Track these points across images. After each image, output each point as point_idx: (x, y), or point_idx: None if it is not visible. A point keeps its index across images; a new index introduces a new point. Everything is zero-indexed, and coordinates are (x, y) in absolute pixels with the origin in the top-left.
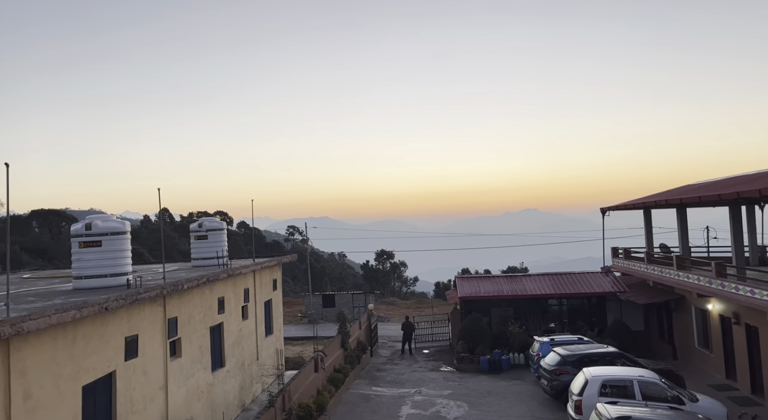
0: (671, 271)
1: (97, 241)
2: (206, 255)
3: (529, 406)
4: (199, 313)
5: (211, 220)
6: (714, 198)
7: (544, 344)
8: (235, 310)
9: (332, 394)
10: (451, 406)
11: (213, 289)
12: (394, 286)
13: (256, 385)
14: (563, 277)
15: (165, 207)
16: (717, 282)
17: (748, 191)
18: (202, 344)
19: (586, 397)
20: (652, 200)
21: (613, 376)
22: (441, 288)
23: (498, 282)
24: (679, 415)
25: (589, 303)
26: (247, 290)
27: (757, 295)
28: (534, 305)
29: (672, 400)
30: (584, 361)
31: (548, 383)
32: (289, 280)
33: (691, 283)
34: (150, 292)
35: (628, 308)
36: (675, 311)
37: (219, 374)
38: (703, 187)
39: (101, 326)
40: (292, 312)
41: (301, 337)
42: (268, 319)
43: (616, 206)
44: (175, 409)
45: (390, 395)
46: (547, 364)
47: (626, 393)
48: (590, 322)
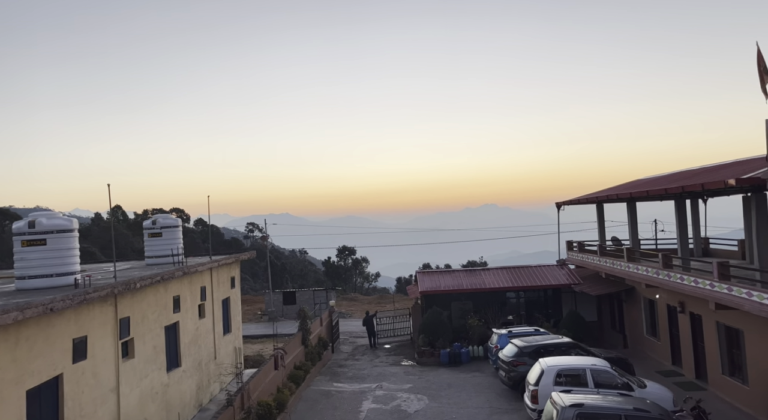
0: (622, 263)
1: (42, 239)
2: (161, 253)
3: (487, 397)
4: (153, 312)
5: (166, 217)
6: (661, 192)
7: (503, 336)
8: (191, 308)
9: (293, 391)
10: (412, 399)
11: (168, 287)
12: (356, 282)
13: (214, 384)
14: (520, 271)
15: (117, 204)
16: (664, 273)
17: (691, 186)
18: (157, 344)
19: (542, 386)
20: (604, 195)
21: (568, 365)
22: (403, 283)
23: (458, 276)
24: (629, 401)
25: (545, 295)
26: (204, 288)
27: (701, 285)
28: (493, 298)
29: (622, 387)
30: (540, 351)
31: (506, 374)
32: (249, 278)
33: (640, 274)
34: (100, 292)
35: (582, 299)
36: (626, 302)
37: (175, 374)
38: (651, 182)
39: (47, 328)
40: (252, 310)
41: (261, 335)
42: (226, 318)
43: (570, 201)
44: (128, 411)
45: (351, 391)
46: (505, 356)
47: (580, 381)
48: (546, 313)
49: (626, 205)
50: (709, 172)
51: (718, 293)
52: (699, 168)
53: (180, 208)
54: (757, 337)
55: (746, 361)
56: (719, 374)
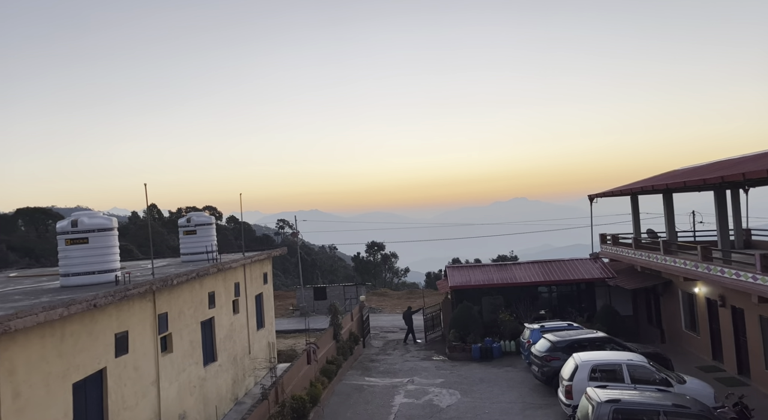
0: (658, 256)
1: (84, 238)
2: (195, 250)
3: (520, 392)
4: (189, 308)
5: (200, 214)
6: (699, 183)
7: (535, 331)
8: (225, 304)
9: (325, 385)
10: (444, 394)
11: (203, 283)
12: (386, 277)
13: (249, 378)
14: (553, 265)
15: (153, 203)
16: (703, 266)
17: (732, 175)
18: (194, 339)
19: (576, 382)
20: (639, 186)
21: (603, 360)
22: (432, 278)
23: (488, 271)
24: (667, 397)
25: (578, 289)
26: (237, 284)
27: (743, 278)
28: (524, 293)
29: (660, 383)
30: (574, 346)
31: (539, 369)
32: (280, 274)
33: (677, 267)
34: (139, 288)
35: (616, 294)
36: (662, 295)
37: (211, 368)
38: (689, 172)
39: (90, 323)
40: (284, 305)
41: (293, 330)
42: (259, 313)
43: (603, 193)
44: (168, 404)
45: (383, 385)
46: (538, 351)
47: (615, 377)
48: (580, 308)
49: (662, 197)
50: (751, 161)
51: (761, 286)
52: (740, 157)
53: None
54: None
55: None
56: (763, 369)
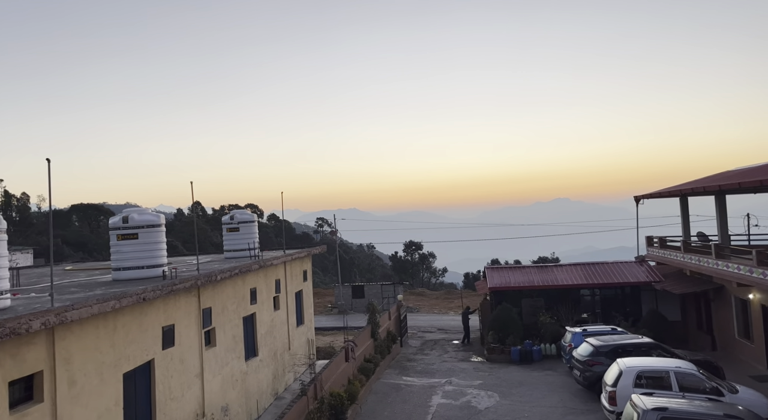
0: (710, 259)
1: (134, 233)
2: (238, 247)
3: (561, 397)
4: (232, 303)
5: (243, 212)
6: (755, 184)
7: (577, 335)
8: (266, 300)
9: (363, 383)
10: (482, 396)
11: (245, 280)
12: (423, 277)
13: (288, 374)
14: (596, 267)
15: (197, 200)
16: (758, 271)
17: None
18: (236, 334)
19: (620, 388)
20: (689, 187)
21: (649, 366)
22: (470, 279)
23: (528, 272)
24: (718, 407)
25: (622, 293)
26: (278, 281)
27: None
28: (565, 295)
29: (710, 392)
30: (618, 351)
31: (581, 374)
32: (319, 272)
33: (730, 272)
34: (185, 283)
35: (663, 298)
36: (714, 301)
37: (252, 363)
38: (744, 173)
39: (140, 316)
40: (322, 303)
41: (331, 328)
42: (299, 310)
43: (650, 194)
44: (211, 396)
45: (420, 385)
46: (580, 355)
47: (662, 384)
48: (624, 312)
49: (714, 198)
50: None
51: None
52: None
53: (254, 204)
54: None
55: None
56: None
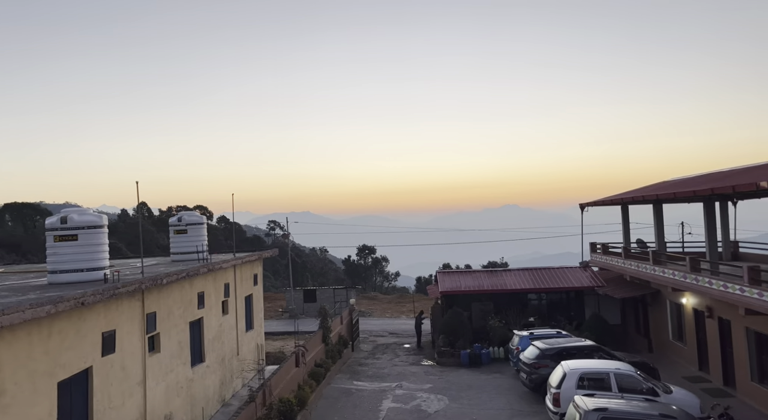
0: (647, 265)
1: (73, 234)
2: (186, 249)
3: (508, 399)
4: (178, 308)
5: (191, 214)
6: (689, 194)
7: (524, 338)
8: (215, 305)
9: (313, 388)
10: (432, 399)
11: (193, 283)
12: (376, 281)
13: (237, 380)
14: (542, 272)
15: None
16: (691, 276)
17: (721, 187)
18: (182, 339)
19: (564, 389)
20: (629, 196)
21: (591, 369)
22: (422, 283)
23: (479, 277)
24: (654, 406)
25: (567, 297)
26: (227, 285)
27: (730, 290)
28: (514, 299)
29: (647, 392)
30: (563, 354)
31: (527, 376)
32: (270, 276)
33: (666, 277)
34: (128, 287)
35: (605, 302)
36: (651, 305)
37: (199, 369)
38: (679, 184)
39: (78, 321)
40: (273, 307)
41: (282, 332)
42: (248, 314)
43: (594, 202)
44: (154, 404)
45: (371, 389)
46: (527, 358)
47: (603, 385)
48: (569, 316)
49: (652, 207)
50: (740, 174)
51: (748, 298)
52: (729, 169)
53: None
54: None
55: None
56: (748, 381)
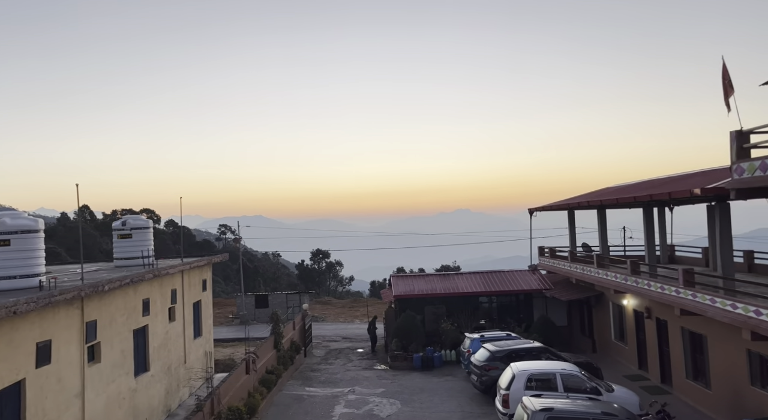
0: (592, 269)
1: (5, 239)
2: (130, 254)
3: (459, 402)
4: (121, 315)
5: (136, 218)
6: (629, 200)
7: (475, 341)
8: (161, 311)
9: (264, 395)
10: (384, 404)
11: (137, 290)
12: (330, 285)
13: (184, 389)
14: (493, 276)
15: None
16: (632, 279)
17: (659, 194)
18: (125, 348)
19: (513, 391)
20: (575, 202)
21: (538, 370)
22: (376, 287)
23: (432, 280)
24: (597, 405)
25: (517, 300)
26: (174, 291)
27: (667, 291)
28: (466, 303)
29: (590, 391)
30: (512, 356)
31: (478, 379)
32: (221, 281)
33: (609, 280)
34: (66, 294)
35: (553, 305)
36: (595, 307)
37: (143, 379)
38: (621, 190)
39: (10, 331)
40: (224, 313)
41: (232, 339)
42: (197, 321)
43: (542, 207)
44: (93, 417)
45: (323, 395)
46: (477, 360)
47: (550, 386)
48: (518, 318)
49: (596, 212)
50: (676, 182)
51: (683, 299)
52: (667, 177)
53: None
54: (720, 343)
55: (709, 365)
56: (683, 379)
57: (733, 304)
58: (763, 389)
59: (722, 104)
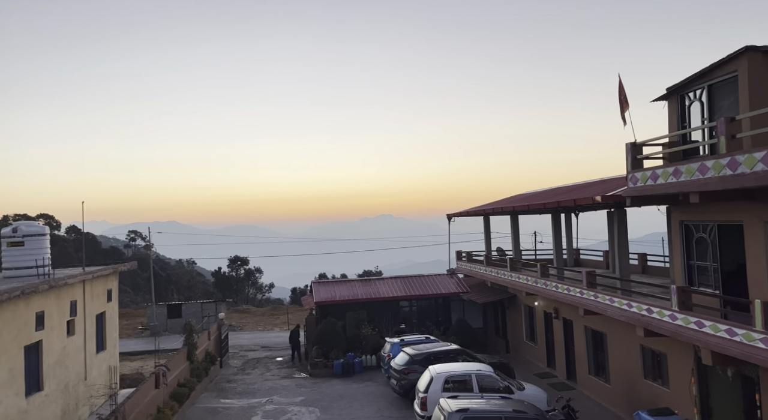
0: (505, 272)
1: None
2: (23, 264)
3: (378, 407)
4: (10, 331)
5: (30, 224)
6: (539, 206)
7: (395, 345)
8: (58, 325)
9: (175, 410)
10: (303, 412)
11: (30, 303)
12: (249, 293)
13: (83, 408)
14: (413, 280)
15: None
16: (542, 281)
17: (566, 201)
18: (14, 366)
19: (431, 393)
20: (490, 208)
21: (455, 372)
22: (298, 294)
23: (353, 286)
24: (508, 404)
25: (436, 303)
26: (74, 303)
27: (572, 292)
28: (387, 307)
29: (503, 390)
30: (430, 359)
31: (397, 383)
32: (130, 291)
33: (521, 282)
34: None
35: (470, 307)
36: (508, 309)
37: (35, 399)
38: (532, 197)
39: None
40: (133, 324)
41: (141, 352)
42: (100, 334)
43: (460, 213)
44: None
45: (239, 407)
46: (397, 364)
47: (466, 387)
48: (437, 321)
49: (510, 218)
50: (581, 189)
51: (586, 300)
52: (572, 185)
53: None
54: (618, 340)
55: (608, 361)
56: (586, 374)
57: (629, 304)
58: (655, 382)
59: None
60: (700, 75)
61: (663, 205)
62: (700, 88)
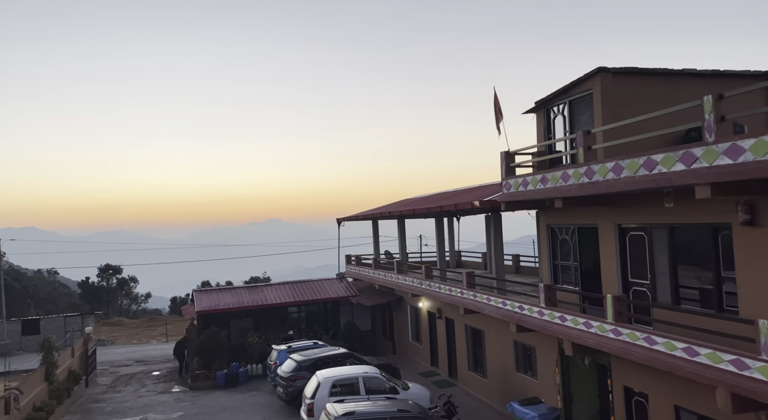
0: (392, 274)
1: None
2: None
3: (264, 416)
4: None
5: None
6: (424, 211)
7: (282, 352)
8: None
9: None
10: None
11: None
12: (122, 304)
13: None
14: (302, 285)
15: None
16: (426, 283)
17: (447, 206)
18: None
19: (318, 398)
20: (379, 212)
21: (342, 375)
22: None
23: (239, 293)
24: (393, 404)
25: (325, 308)
26: None
27: (454, 293)
28: (274, 314)
29: (389, 391)
30: (318, 364)
31: (284, 390)
32: None
33: (407, 284)
34: None
35: (358, 310)
36: (395, 311)
37: None
38: (417, 201)
39: None
40: None
41: None
42: None
43: (349, 217)
44: None
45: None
46: (283, 372)
47: (353, 390)
48: (326, 326)
49: (396, 222)
50: (461, 195)
51: (466, 299)
52: (454, 190)
53: None
54: (494, 336)
55: (486, 357)
56: (466, 371)
57: (503, 302)
58: (525, 374)
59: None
60: (563, 91)
61: (533, 210)
62: (562, 102)
